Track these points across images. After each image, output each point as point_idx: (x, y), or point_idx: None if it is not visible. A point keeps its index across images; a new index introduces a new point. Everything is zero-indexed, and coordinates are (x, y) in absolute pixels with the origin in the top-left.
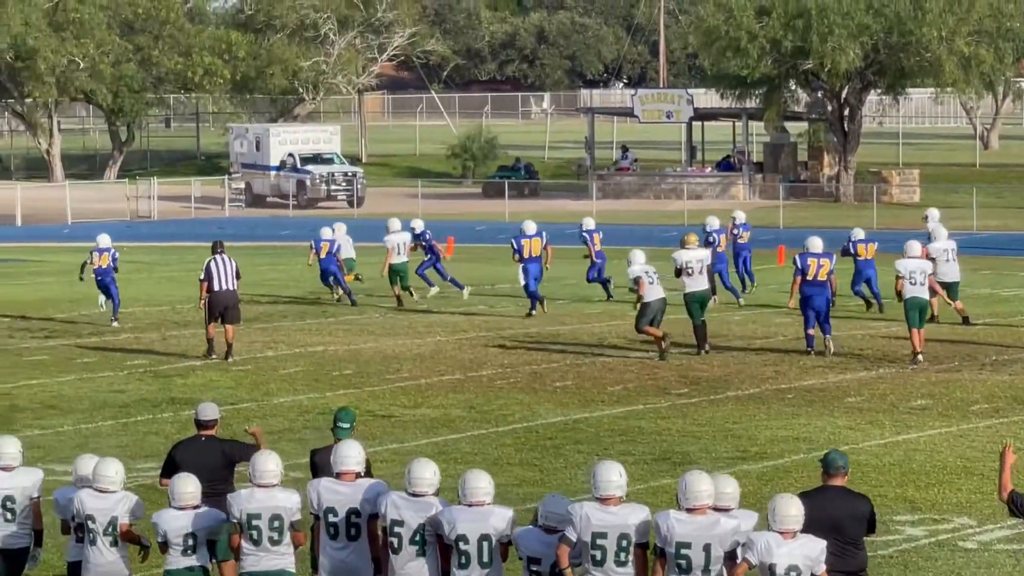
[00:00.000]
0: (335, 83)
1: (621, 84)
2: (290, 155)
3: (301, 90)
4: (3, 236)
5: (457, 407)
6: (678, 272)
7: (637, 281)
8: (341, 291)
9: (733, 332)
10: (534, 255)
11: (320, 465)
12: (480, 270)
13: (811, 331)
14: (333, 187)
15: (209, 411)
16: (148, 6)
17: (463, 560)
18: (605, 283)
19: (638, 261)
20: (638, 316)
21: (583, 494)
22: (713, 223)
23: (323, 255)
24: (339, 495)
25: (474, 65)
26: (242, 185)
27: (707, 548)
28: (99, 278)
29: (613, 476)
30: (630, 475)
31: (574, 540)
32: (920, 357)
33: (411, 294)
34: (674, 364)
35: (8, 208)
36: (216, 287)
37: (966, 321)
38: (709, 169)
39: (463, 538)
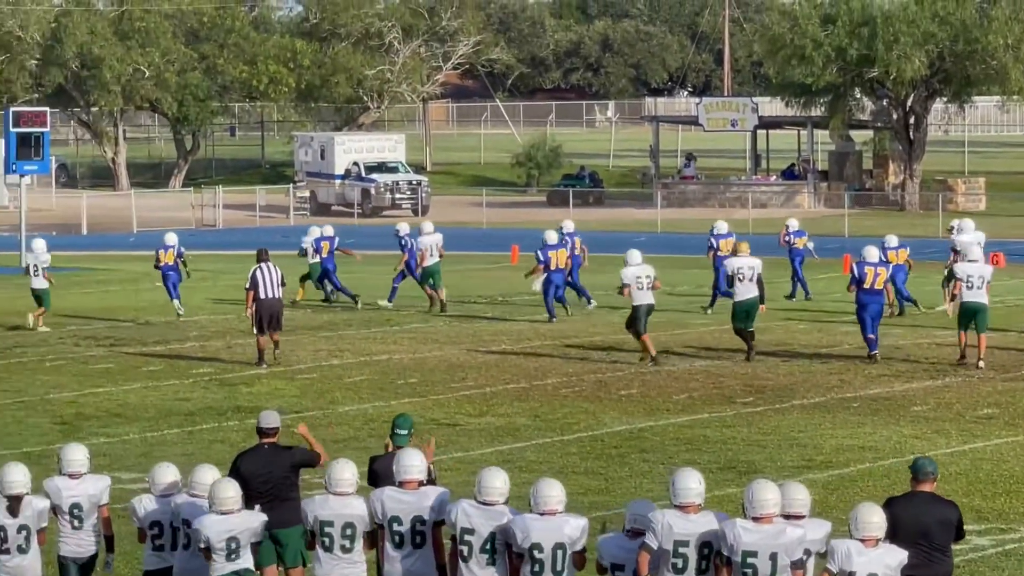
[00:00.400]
0: (400, 91)
1: (686, 92)
2: (355, 164)
3: (366, 98)
4: (69, 244)
5: (522, 416)
6: (730, 280)
7: (624, 287)
8: (336, 291)
9: (798, 340)
10: (560, 266)
11: (379, 473)
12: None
13: (871, 335)
14: (398, 195)
15: (271, 419)
16: (213, 15)
17: (536, 568)
18: (575, 286)
19: (634, 262)
20: (630, 321)
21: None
22: (720, 228)
23: (325, 254)
24: (403, 504)
25: (539, 73)
26: (307, 194)
27: (773, 557)
28: (165, 273)
29: (692, 483)
30: None
31: (655, 548)
32: (981, 364)
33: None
34: (739, 373)
35: (74, 217)
36: (262, 295)
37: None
38: (774, 178)
39: (537, 547)
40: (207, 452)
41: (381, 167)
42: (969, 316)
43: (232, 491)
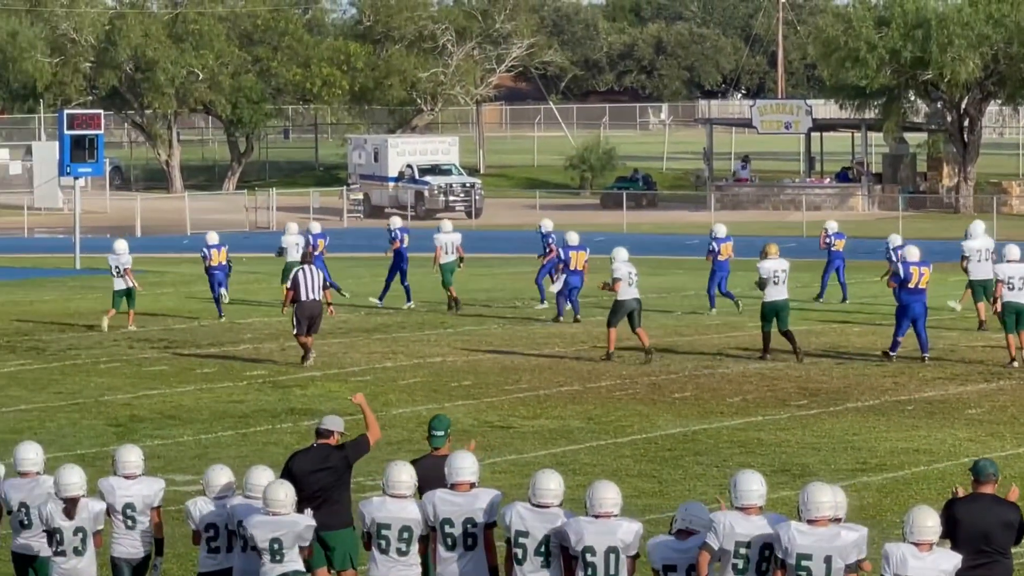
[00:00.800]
0: (453, 94)
1: (739, 95)
2: (408, 166)
3: (419, 101)
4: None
5: (576, 418)
6: (763, 283)
7: (615, 281)
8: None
9: (852, 343)
10: (578, 267)
11: (421, 476)
12: (597, 281)
13: (900, 338)
14: (451, 198)
15: (332, 423)
16: (267, 17)
17: (589, 572)
18: (541, 288)
19: (621, 259)
20: (611, 313)
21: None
22: (720, 231)
23: (319, 251)
24: (455, 506)
25: (592, 76)
26: (360, 196)
27: (828, 560)
28: (212, 273)
29: (754, 485)
30: None
31: (716, 548)
32: (1015, 363)
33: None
34: (793, 375)
35: (128, 219)
36: (303, 296)
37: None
38: (828, 180)
39: (590, 550)
40: (261, 454)
41: (435, 169)
42: (1013, 317)
43: (282, 493)
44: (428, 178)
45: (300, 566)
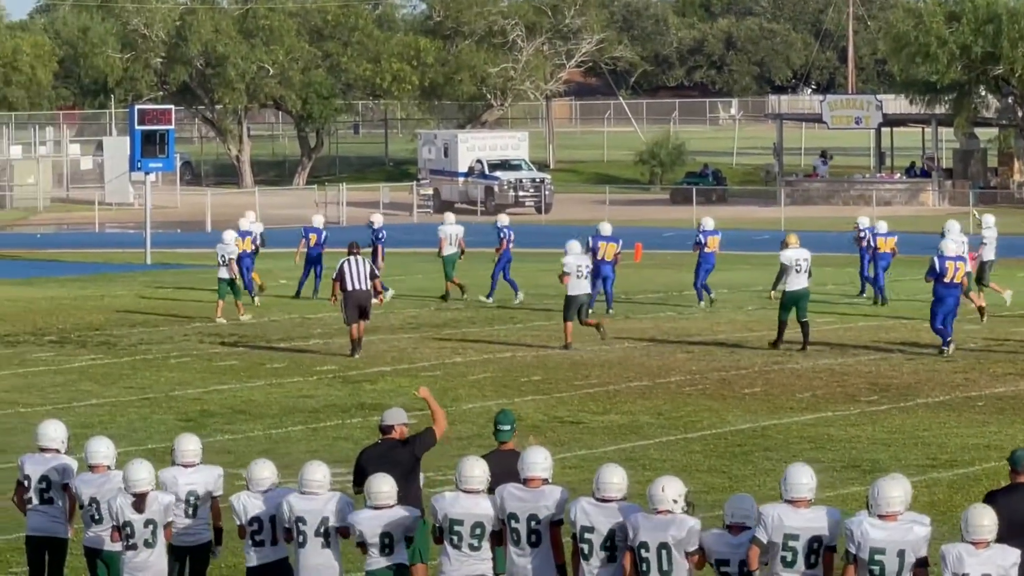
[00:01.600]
0: (523, 89)
1: (810, 90)
2: (478, 161)
3: (489, 96)
4: (194, 241)
5: (645, 413)
6: (782, 273)
7: (564, 275)
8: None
9: (922, 339)
10: (607, 259)
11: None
12: (667, 276)
13: (940, 327)
14: (521, 193)
15: (392, 417)
16: (337, 13)
17: (644, 568)
18: (512, 282)
19: (574, 252)
20: (564, 308)
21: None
22: (708, 224)
23: (312, 245)
24: (521, 501)
25: (662, 71)
26: (430, 191)
27: (901, 555)
28: (240, 260)
29: (804, 478)
30: (819, 482)
31: (764, 541)
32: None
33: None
34: (863, 371)
35: (198, 214)
36: (350, 287)
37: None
38: (898, 175)
39: (644, 545)
40: (331, 449)
41: (504, 165)
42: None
43: (387, 486)
44: (498, 173)
45: (405, 559)
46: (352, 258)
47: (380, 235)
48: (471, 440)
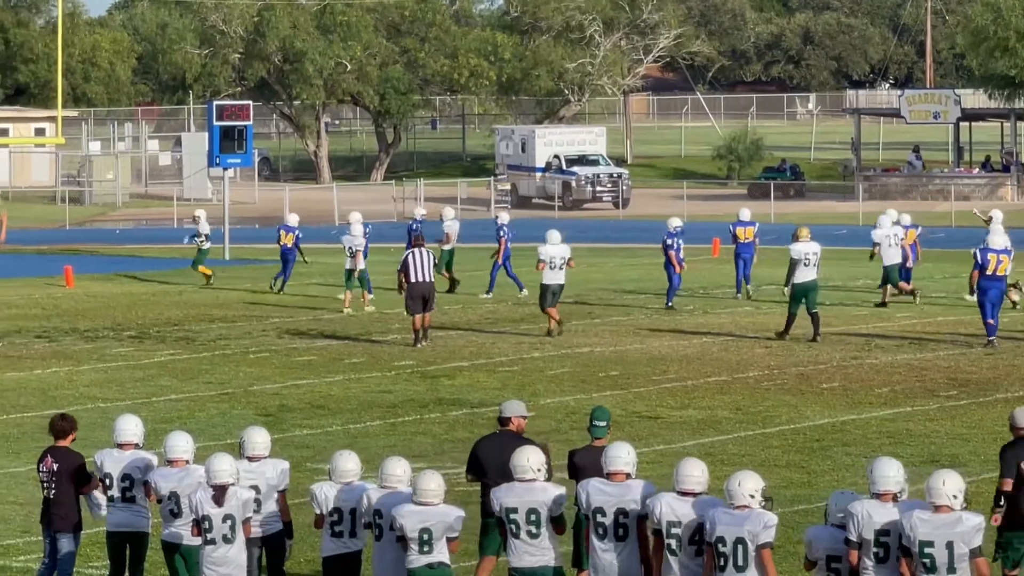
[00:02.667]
0: (600, 84)
1: (887, 84)
2: (556, 156)
3: (566, 91)
4: (272, 237)
5: (724, 408)
6: (793, 266)
7: (539, 263)
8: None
9: (1001, 333)
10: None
11: (580, 466)
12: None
13: (991, 320)
14: (598, 188)
15: (509, 409)
16: (415, 8)
17: (721, 562)
18: (515, 277)
19: (551, 242)
20: (539, 297)
21: None
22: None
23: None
24: (608, 495)
25: (739, 66)
26: (508, 186)
27: (950, 546)
28: (284, 253)
29: (891, 472)
30: None
31: (854, 539)
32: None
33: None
34: (942, 366)
35: (276, 210)
36: (414, 278)
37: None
38: (976, 170)
39: (721, 540)
40: (409, 444)
41: (582, 160)
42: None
43: (434, 484)
44: (576, 168)
45: (446, 558)
46: (416, 250)
47: (415, 227)
48: (549, 435)
